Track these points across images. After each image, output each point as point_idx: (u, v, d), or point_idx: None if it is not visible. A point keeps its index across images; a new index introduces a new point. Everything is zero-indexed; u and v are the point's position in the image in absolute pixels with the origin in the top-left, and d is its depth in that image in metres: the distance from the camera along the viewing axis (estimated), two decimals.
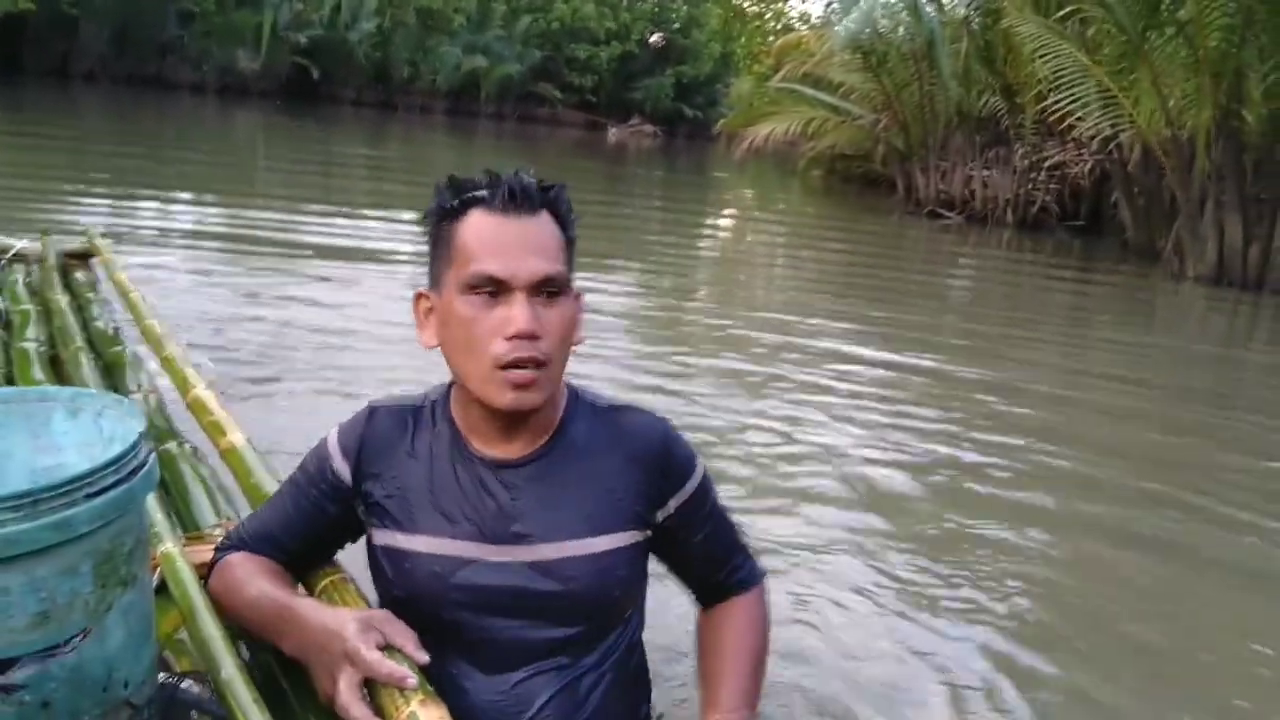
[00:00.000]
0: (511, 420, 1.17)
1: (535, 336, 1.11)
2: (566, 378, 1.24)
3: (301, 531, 1.24)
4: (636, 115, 33.88)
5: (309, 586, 1.26)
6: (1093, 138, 10.86)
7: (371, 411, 1.24)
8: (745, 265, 9.75)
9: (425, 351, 1.20)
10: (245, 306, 4.70)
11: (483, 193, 1.13)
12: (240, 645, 1.17)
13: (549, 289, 1.12)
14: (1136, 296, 9.36)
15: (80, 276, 3.14)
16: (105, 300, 2.90)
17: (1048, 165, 13.27)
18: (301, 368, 3.83)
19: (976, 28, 13.99)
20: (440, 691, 1.04)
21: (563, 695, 1.19)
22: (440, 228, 1.16)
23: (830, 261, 9.70)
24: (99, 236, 3.29)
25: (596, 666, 1.22)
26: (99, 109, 18.72)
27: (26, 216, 6.00)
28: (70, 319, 2.52)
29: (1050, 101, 10.35)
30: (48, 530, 0.90)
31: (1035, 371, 5.34)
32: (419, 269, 1.15)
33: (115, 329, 2.63)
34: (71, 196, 7.61)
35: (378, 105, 28.96)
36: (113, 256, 3.06)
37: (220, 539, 1.31)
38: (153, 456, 1.03)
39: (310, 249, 6.68)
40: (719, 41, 34.99)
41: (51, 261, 3.09)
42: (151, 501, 1.29)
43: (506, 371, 1.11)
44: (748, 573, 1.35)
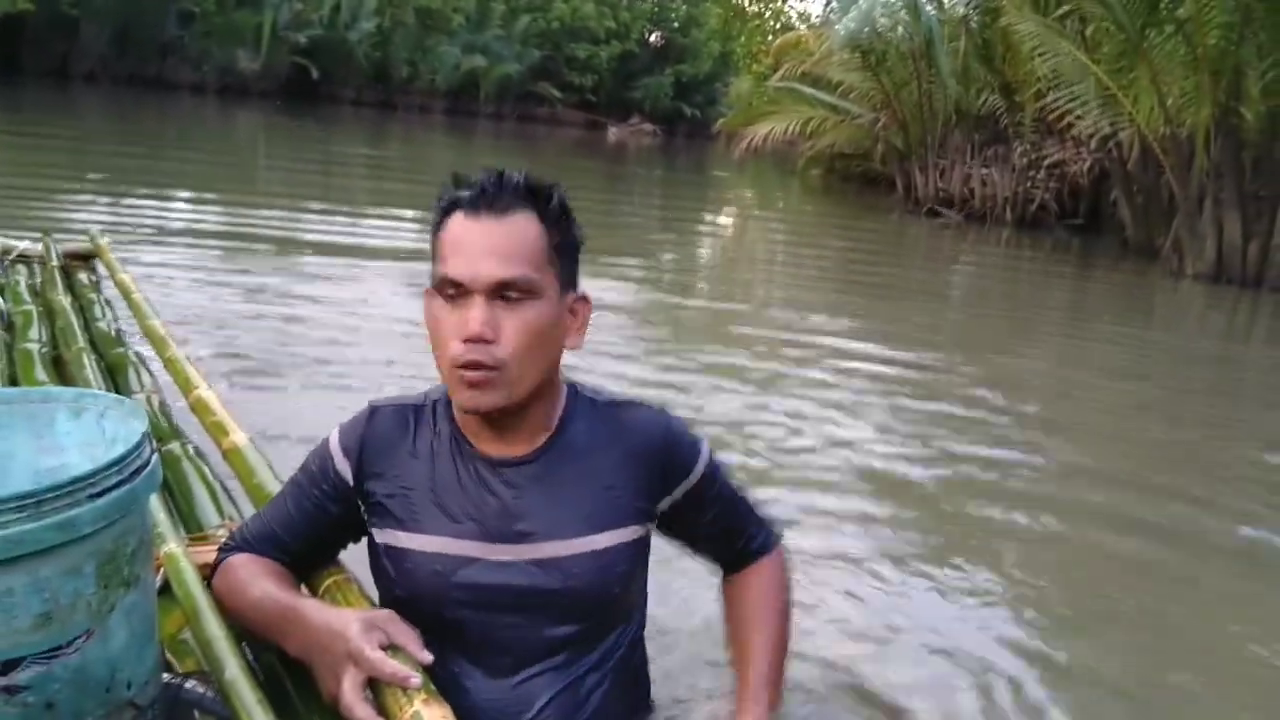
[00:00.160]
0: (492, 420, 1.17)
1: (486, 340, 1.11)
2: (567, 374, 1.24)
3: (304, 532, 1.24)
4: (636, 114, 33.90)
5: (312, 586, 1.26)
6: (1091, 136, 10.86)
7: (373, 411, 1.25)
8: (745, 263, 9.75)
9: (425, 348, 1.20)
10: (246, 304, 4.69)
11: (464, 193, 1.14)
12: (244, 646, 1.17)
13: (508, 293, 1.11)
14: (1135, 294, 9.35)
15: (83, 277, 3.14)
16: (107, 301, 2.90)
17: (1047, 163, 13.28)
18: (303, 365, 3.82)
19: (975, 26, 13.99)
20: (443, 691, 1.04)
21: (564, 694, 1.20)
22: (435, 227, 1.17)
23: (830, 260, 9.70)
24: (101, 237, 3.29)
25: (598, 666, 1.23)
26: (99, 109, 18.72)
27: (28, 217, 5.99)
28: (73, 320, 2.52)
29: (1049, 100, 10.37)
30: (51, 531, 0.90)
31: (1035, 367, 5.34)
32: (419, 266, 1.15)
33: (117, 330, 2.63)
34: (72, 197, 7.61)
35: (377, 105, 28.95)
36: (115, 257, 3.06)
37: (223, 539, 1.31)
38: (155, 457, 1.03)
39: (311, 247, 6.68)
40: (718, 40, 34.96)
41: (54, 262, 3.08)
42: (155, 502, 1.29)
43: (463, 371, 1.12)
44: (764, 539, 1.37)
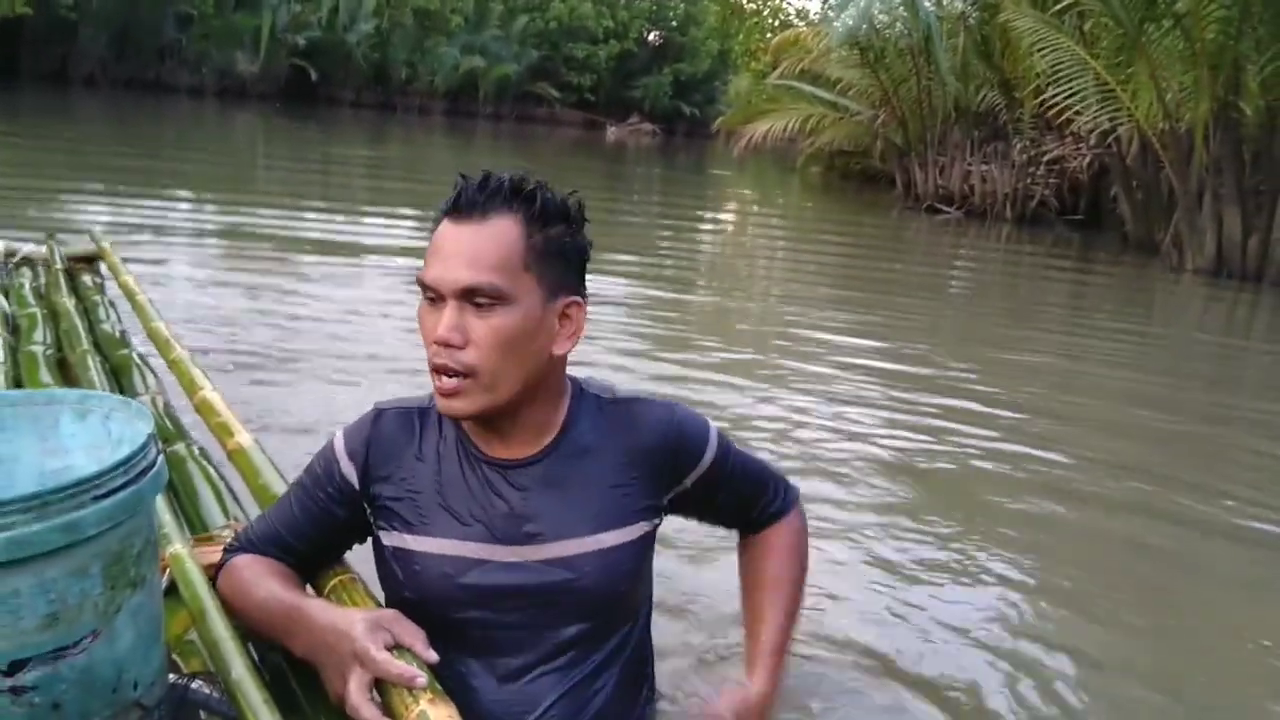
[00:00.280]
0: (484, 423, 1.18)
1: (452, 345, 1.11)
2: (573, 372, 1.24)
3: (309, 534, 1.24)
4: (635, 114, 33.92)
5: (317, 586, 1.26)
6: (1091, 131, 10.86)
7: (378, 414, 1.24)
8: (746, 261, 9.76)
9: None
10: (248, 304, 4.70)
11: (449, 198, 1.15)
12: (250, 646, 1.17)
13: (477, 299, 1.10)
14: (1136, 289, 9.36)
15: (87, 279, 3.13)
16: (111, 303, 2.89)
17: (1046, 159, 13.29)
18: (305, 364, 3.83)
19: (973, 22, 14.00)
20: (449, 691, 1.04)
21: (571, 694, 1.20)
22: (431, 231, 1.18)
23: (830, 257, 9.70)
24: (104, 239, 3.29)
25: (604, 665, 1.23)
26: (98, 112, 18.73)
27: (28, 219, 6.01)
28: (77, 322, 2.51)
29: (1048, 96, 10.36)
30: (57, 532, 0.90)
31: (1037, 362, 5.34)
32: (417, 267, 1.15)
33: (122, 331, 2.63)
34: (73, 199, 7.63)
35: (376, 106, 28.98)
36: (118, 259, 3.06)
37: (229, 540, 1.31)
38: (161, 458, 1.03)
39: (311, 247, 6.70)
40: (716, 39, 34.99)
41: (58, 265, 3.08)
42: (160, 503, 1.28)
43: (438, 377, 1.13)
44: (781, 502, 1.38)
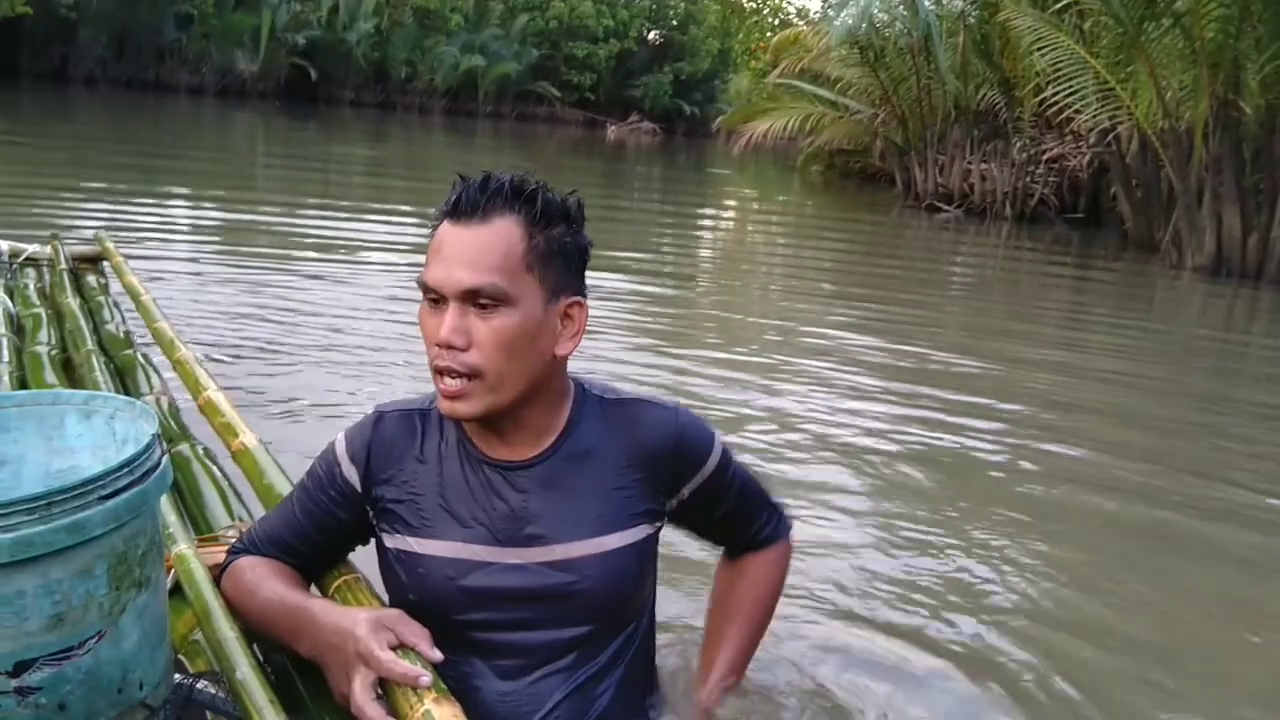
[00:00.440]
0: (486, 425, 1.17)
1: (454, 347, 1.10)
2: (574, 373, 1.24)
3: (312, 537, 1.24)
4: (635, 113, 33.89)
5: (322, 586, 1.26)
6: (1091, 130, 10.87)
7: (379, 417, 1.24)
8: (746, 259, 9.76)
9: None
10: (249, 303, 4.68)
11: (450, 199, 1.14)
12: (255, 646, 1.17)
13: (480, 301, 1.10)
14: (1135, 287, 9.36)
15: (91, 280, 3.14)
16: (115, 303, 2.90)
17: (1046, 158, 13.29)
18: (307, 364, 3.81)
19: (973, 21, 13.98)
20: (453, 691, 1.04)
21: (575, 695, 1.20)
22: (431, 232, 1.17)
23: (830, 255, 9.70)
24: (108, 240, 3.29)
25: (608, 666, 1.23)
26: (98, 112, 18.73)
27: (28, 219, 6.00)
28: (82, 322, 2.52)
29: (1048, 94, 10.35)
30: (62, 533, 0.90)
31: (1035, 361, 5.34)
32: (418, 267, 1.15)
33: (126, 332, 2.63)
34: (73, 198, 7.61)
35: (376, 105, 28.96)
36: (122, 260, 3.06)
37: (233, 540, 1.32)
38: (165, 458, 1.03)
39: (312, 246, 6.68)
40: (717, 38, 35.00)
41: (62, 265, 3.09)
42: (165, 503, 1.29)
43: (441, 379, 1.13)
44: (772, 529, 1.39)
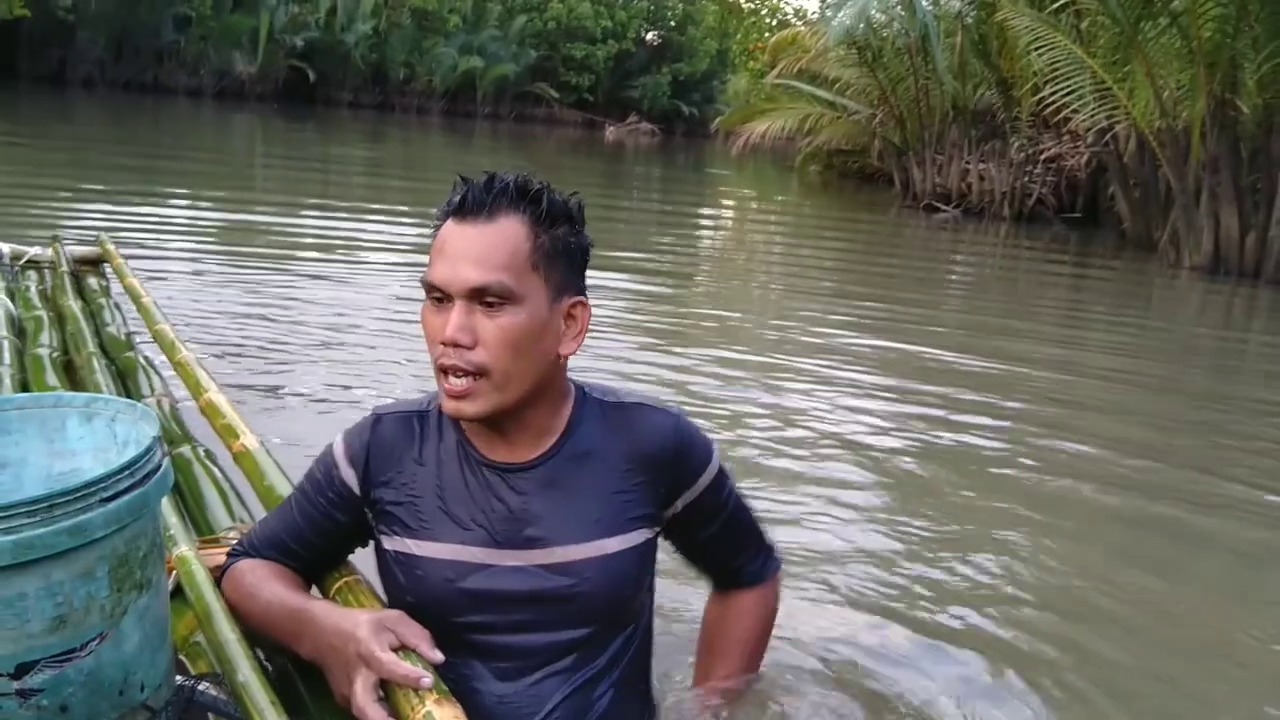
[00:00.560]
0: (489, 425, 1.17)
1: (460, 345, 1.11)
2: (574, 375, 1.24)
3: (311, 539, 1.25)
4: (634, 114, 33.88)
5: (322, 588, 1.26)
6: (1088, 130, 10.88)
7: (377, 419, 1.24)
8: (745, 259, 9.76)
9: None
10: (249, 304, 4.68)
11: (455, 198, 1.15)
12: (256, 648, 1.17)
13: (487, 299, 1.11)
14: (1134, 286, 9.37)
15: (92, 282, 3.14)
16: (117, 305, 2.89)
17: (1044, 158, 13.30)
18: (307, 364, 3.82)
19: (971, 21, 13.98)
20: (454, 692, 1.04)
21: (575, 696, 1.20)
22: (434, 232, 1.18)
23: (829, 255, 9.71)
24: (109, 242, 3.29)
25: (607, 668, 1.23)
26: (97, 114, 18.72)
27: (28, 221, 6.01)
28: (83, 324, 2.52)
29: (1045, 94, 10.37)
30: (63, 535, 0.91)
31: (1034, 359, 5.35)
32: (419, 265, 1.16)
33: (127, 334, 2.63)
34: (72, 200, 7.62)
35: (375, 107, 28.95)
36: (123, 262, 3.06)
37: (234, 542, 1.32)
38: (167, 461, 1.04)
39: (311, 246, 6.69)
40: (715, 38, 35.00)
41: (64, 268, 3.09)
42: (166, 505, 1.29)
43: (446, 378, 1.13)
44: (760, 566, 1.36)
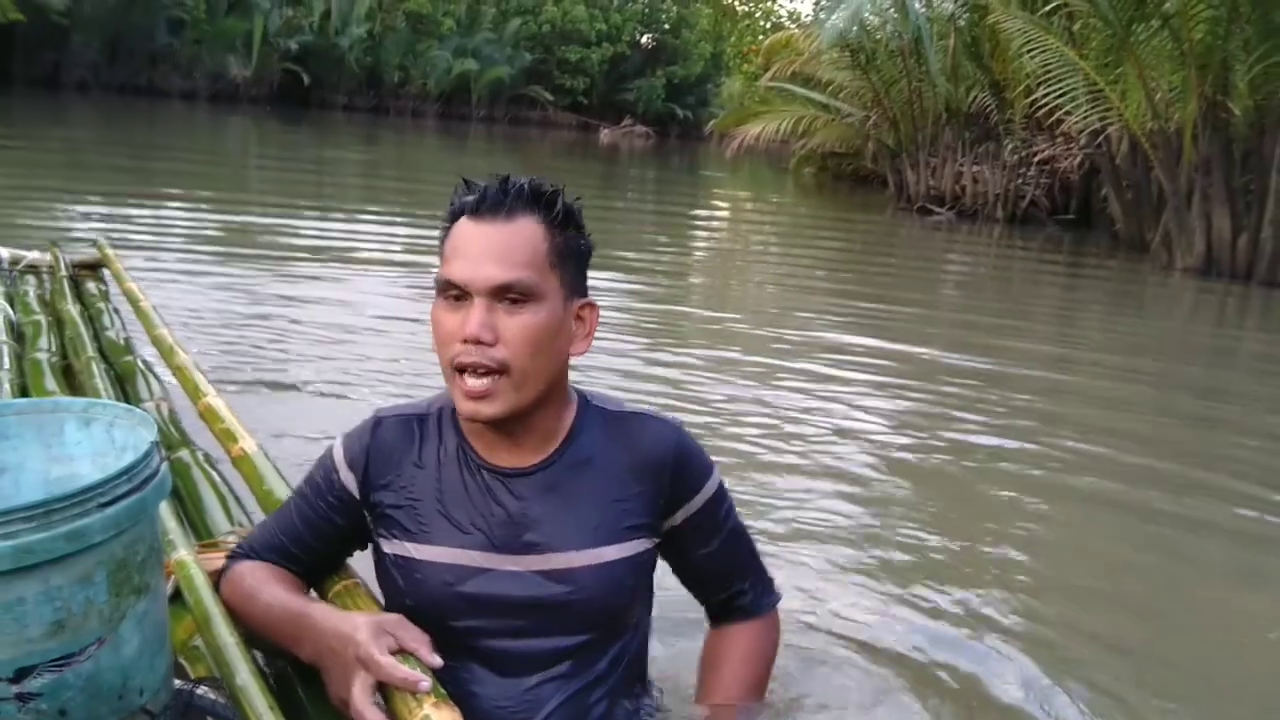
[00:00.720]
0: (497, 428, 1.17)
1: (484, 342, 1.11)
2: (575, 382, 1.25)
3: (310, 542, 1.25)
4: (628, 117, 33.87)
5: (321, 592, 1.26)
6: (1081, 132, 10.91)
7: (377, 422, 1.24)
8: (740, 262, 9.76)
9: (422, 350, 1.21)
10: (245, 308, 4.67)
11: (470, 198, 1.15)
12: (255, 651, 1.17)
13: (510, 296, 1.11)
14: (1127, 285, 9.41)
15: (91, 287, 3.13)
16: (115, 309, 2.89)
17: (1037, 160, 13.33)
18: (304, 367, 3.80)
19: (963, 24, 14.01)
20: (451, 696, 1.04)
21: (572, 701, 1.20)
22: (443, 232, 1.18)
23: (823, 257, 9.72)
24: (108, 246, 3.29)
25: (605, 674, 1.23)
26: (91, 118, 18.67)
27: (23, 224, 6.00)
28: (82, 329, 2.52)
29: (1038, 96, 10.40)
30: (62, 540, 0.91)
31: (1028, 358, 5.37)
32: (414, 267, 1.16)
33: (126, 338, 2.63)
34: (68, 204, 7.59)
35: (369, 110, 28.91)
36: (122, 266, 3.06)
37: (233, 546, 1.32)
38: (165, 465, 1.04)
39: (306, 250, 6.67)
40: (709, 41, 35.03)
41: (63, 272, 3.09)
42: (165, 510, 1.29)
43: (463, 378, 1.12)
44: (756, 598, 1.34)
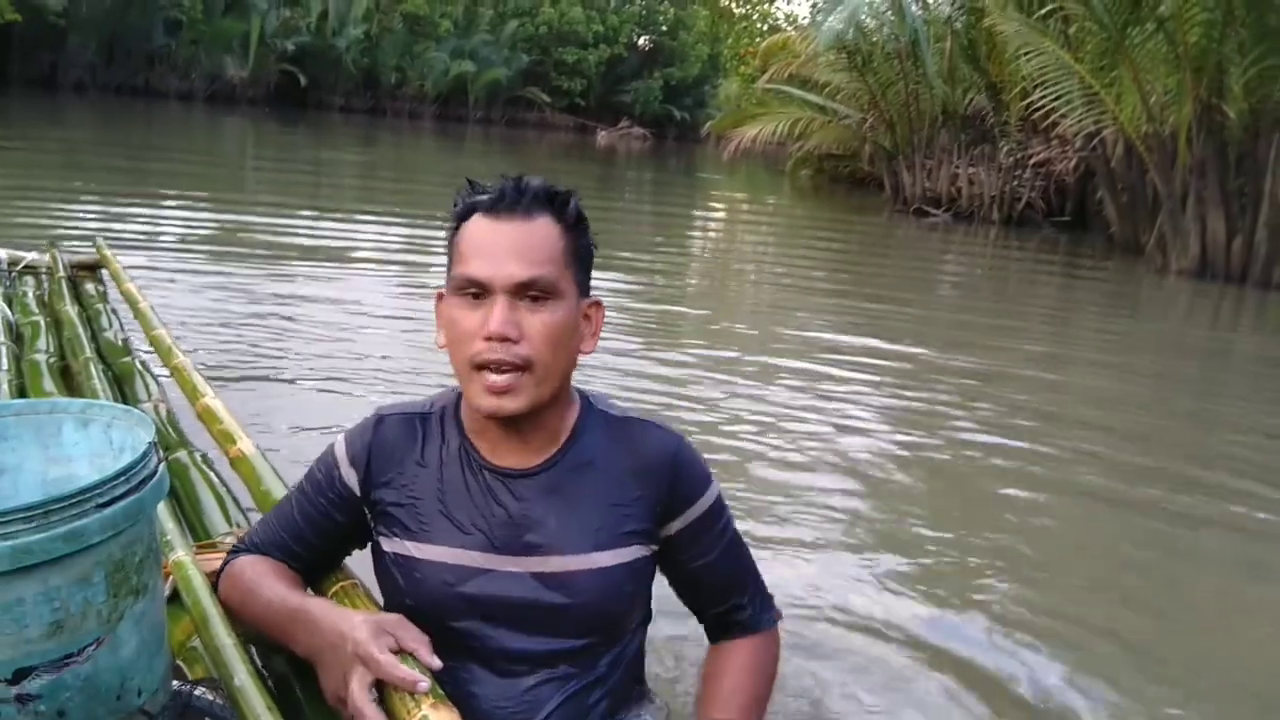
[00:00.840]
0: (506, 426, 1.17)
1: (509, 339, 1.11)
2: (578, 385, 1.25)
3: (310, 539, 1.25)
4: (625, 118, 33.88)
5: (319, 592, 1.26)
6: (1076, 134, 10.93)
7: (379, 420, 1.24)
8: (737, 263, 9.78)
9: (420, 349, 1.21)
10: (242, 308, 4.68)
11: (484, 197, 1.15)
12: (253, 652, 1.18)
13: (532, 293, 1.12)
14: (1122, 286, 9.45)
15: (89, 288, 3.13)
16: (114, 310, 2.89)
17: (1033, 162, 13.37)
18: (303, 367, 3.81)
19: (960, 26, 14.05)
20: (449, 695, 1.04)
21: (570, 703, 1.20)
22: (452, 231, 1.18)
23: (820, 259, 9.74)
24: (106, 248, 3.29)
25: (603, 677, 1.23)
26: (88, 118, 18.65)
27: (21, 225, 5.99)
28: (80, 330, 2.52)
29: (1034, 99, 10.42)
30: (60, 541, 0.91)
31: (1024, 359, 5.39)
32: (411, 267, 1.17)
33: (124, 339, 2.63)
34: (65, 204, 7.59)
35: (366, 111, 28.90)
36: (120, 267, 3.06)
37: (231, 547, 1.31)
38: (162, 466, 1.04)
39: (304, 251, 6.68)
40: (706, 43, 35.05)
41: (60, 273, 3.09)
42: (162, 510, 1.30)
43: (483, 375, 1.12)
44: (755, 614, 1.32)
